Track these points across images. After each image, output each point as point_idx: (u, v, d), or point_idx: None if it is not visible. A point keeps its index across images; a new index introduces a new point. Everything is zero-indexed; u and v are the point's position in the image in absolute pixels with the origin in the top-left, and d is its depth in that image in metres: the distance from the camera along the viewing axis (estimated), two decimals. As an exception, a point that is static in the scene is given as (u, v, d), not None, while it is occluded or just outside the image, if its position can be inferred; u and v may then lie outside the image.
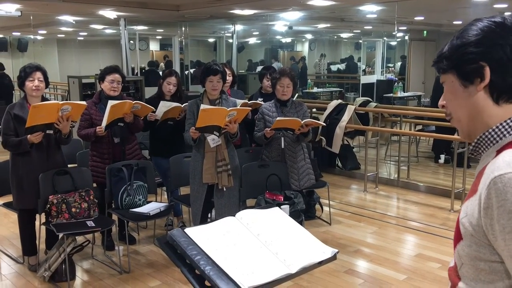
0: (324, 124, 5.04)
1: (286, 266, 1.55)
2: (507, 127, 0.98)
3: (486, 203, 0.91)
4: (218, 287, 1.42)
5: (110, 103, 3.77)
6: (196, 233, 1.57)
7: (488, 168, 0.95)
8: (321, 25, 11.71)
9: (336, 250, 1.70)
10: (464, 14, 8.54)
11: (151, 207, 3.96)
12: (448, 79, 1.05)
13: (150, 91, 6.99)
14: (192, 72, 10.48)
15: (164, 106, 4.30)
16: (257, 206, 4.02)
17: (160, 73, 10.67)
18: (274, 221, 1.74)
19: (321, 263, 1.60)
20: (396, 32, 8.91)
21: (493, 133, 0.99)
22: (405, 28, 10.79)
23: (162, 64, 13.29)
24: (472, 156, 1.07)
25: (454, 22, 10.18)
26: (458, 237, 1.00)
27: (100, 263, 3.96)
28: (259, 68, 10.17)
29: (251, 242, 1.61)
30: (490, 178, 0.91)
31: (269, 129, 4.09)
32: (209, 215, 4.13)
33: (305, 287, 3.47)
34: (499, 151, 0.97)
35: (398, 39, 10.91)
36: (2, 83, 9.75)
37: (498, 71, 0.98)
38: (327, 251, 1.66)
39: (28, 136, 3.47)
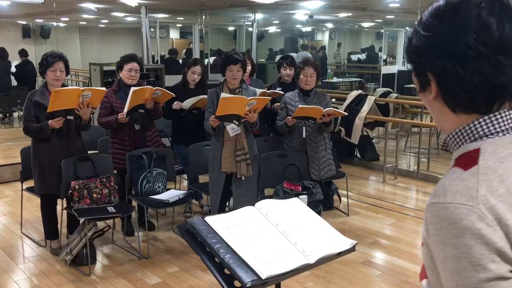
0: (346, 113, 5.01)
1: (304, 256, 1.56)
2: (469, 131, 0.88)
3: (425, 226, 0.87)
4: (237, 275, 1.44)
5: (132, 89, 3.81)
6: (216, 221, 1.59)
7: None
8: (342, 14, 11.58)
9: (355, 242, 1.70)
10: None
11: (170, 194, 4.00)
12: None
13: (170, 79, 7.02)
14: (211, 61, 10.48)
15: (192, 99, 4.34)
16: (275, 195, 4.03)
17: (180, 61, 10.71)
18: (293, 212, 1.75)
19: (340, 254, 1.60)
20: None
21: (455, 136, 0.90)
22: (428, 17, 10.56)
23: (183, 52, 13.30)
24: (444, 150, 0.99)
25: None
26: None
27: (120, 248, 4.02)
28: (278, 58, 10.11)
29: (270, 231, 1.62)
30: (427, 202, 0.86)
31: (291, 117, 4.09)
32: (227, 204, 4.16)
33: (322, 277, 3.48)
34: (456, 160, 0.90)
35: (421, 29, 10.72)
36: (25, 69, 9.89)
37: (445, 84, 0.87)
38: (346, 242, 1.67)
39: (49, 121, 3.52)
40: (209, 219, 1.61)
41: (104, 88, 3.78)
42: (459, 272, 0.80)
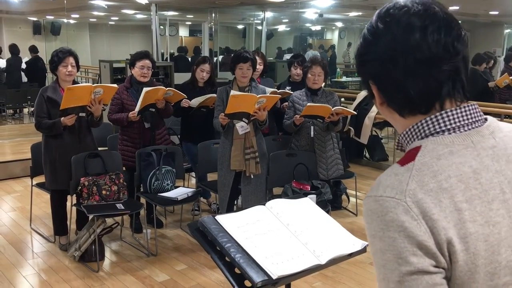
0: (355, 112, 4.97)
1: (315, 257, 1.55)
2: (417, 130, 0.89)
3: (364, 220, 0.88)
4: (247, 275, 1.43)
5: (145, 89, 3.81)
6: (226, 220, 1.59)
7: None
8: (352, 13, 11.53)
9: (366, 243, 1.69)
10: (501, 3, 8.27)
11: (179, 192, 4.01)
12: None
13: (179, 77, 7.03)
14: (220, 59, 10.48)
15: (200, 97, 4.34)
16: (284, 195, 4.02)
17: (189, 59, 10.72)
18: (304, 212, 1.74)
19: (351, 255, 1.59)
20: (429, 21, 8.69)
21: (406, 136, 0.92)
22: (439, 17, 10.49)
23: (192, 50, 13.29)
24: (400, 150, 1.00)
25: (491, 13, 9.88)
26: None
27: (128, 245, 4.04)
28: (287, 56, 10.08)
29: (281, 231, 1.61)
30: (366, 195, 0.87)
31: (299, 115, 4.07)
32: (235, 202, 4.16)
33: (330, 277, 3.47)
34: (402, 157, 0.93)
35: (431, 29, 10.65)
36: (36, 66, 9.96)
37: (383, 89, 0.90)
38: (357, 244, 1.66)
39: (62, 118, 3.54)
40: (220, 218, 1.60)
41: (115, 85, 3.79)
42: (384, 265, 0.81)
